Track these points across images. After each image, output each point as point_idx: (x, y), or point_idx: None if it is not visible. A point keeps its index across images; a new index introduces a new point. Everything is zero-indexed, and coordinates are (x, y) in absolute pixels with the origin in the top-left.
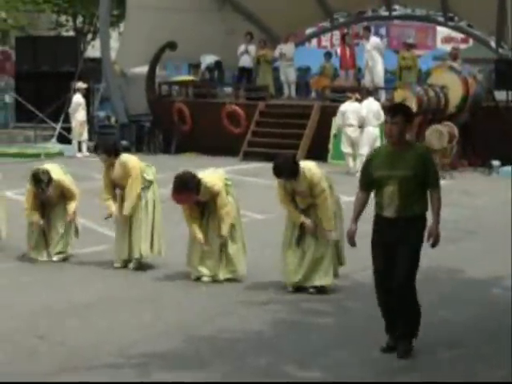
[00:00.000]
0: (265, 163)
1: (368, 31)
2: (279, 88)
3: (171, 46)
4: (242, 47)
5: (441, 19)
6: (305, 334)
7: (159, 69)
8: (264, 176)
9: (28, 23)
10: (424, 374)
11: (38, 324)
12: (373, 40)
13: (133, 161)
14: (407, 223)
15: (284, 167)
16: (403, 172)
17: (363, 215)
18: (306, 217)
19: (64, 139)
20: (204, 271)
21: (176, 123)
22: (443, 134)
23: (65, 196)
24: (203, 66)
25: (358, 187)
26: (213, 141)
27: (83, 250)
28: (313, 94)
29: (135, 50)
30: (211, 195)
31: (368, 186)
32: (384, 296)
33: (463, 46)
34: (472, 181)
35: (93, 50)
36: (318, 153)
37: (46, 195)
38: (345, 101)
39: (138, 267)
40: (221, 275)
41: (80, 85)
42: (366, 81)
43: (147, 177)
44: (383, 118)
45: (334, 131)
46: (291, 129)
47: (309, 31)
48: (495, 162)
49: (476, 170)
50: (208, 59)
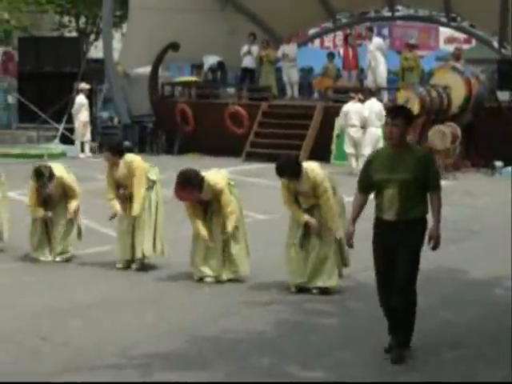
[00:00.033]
0: (267, 164)
1: (371, 32)
2: (282, 89)
3: (174, 47)
4: (245, 48)
5: (443, 20)
6: (308, 335)
7: (162, 69)
8: (267, 176)
9: (31, 24)
10: (426, 375)
11: (41, 324)
12: (375, 40)
13: (138, 161)
14: (407, 226)
15: (286, 167)
16: (403, 175)
17: (365, 215)
18: (310, 216)
19: (67, 140)
20: (207, 271)
21: (179, 124)
22: (446, 135)
23: (67, 195)
24: (206, 67)
25: (357, 189)
26: (215, 141)
27: (86, 251)
28: (315, 95)
29: (138, 51)
30: (214, 194)
31: (367, 189)
32: (386, 297)
33: (466, 47)
34: (475, 181)
35: (96, 51)
36: (321, 153)
37: (48, 191)
38: (348, 101)
39: (141, 268)
40: (224, 276)
41: (83, 85)
42: (369, 81)
43: (151, 177)
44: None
45: (337, 131)
46: (294, 129)
47: (311, 32)
48: (498, 163)
49: (479, 171)
50: (211, 60)
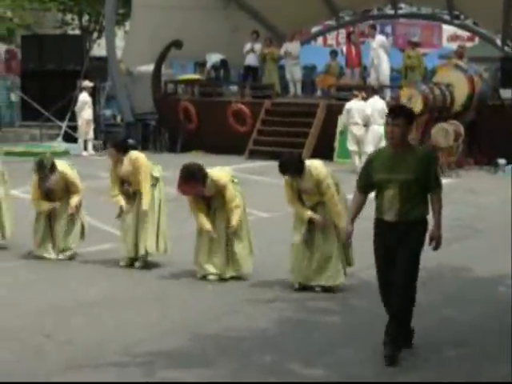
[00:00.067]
0: (270, 162)
1: (374, 29)
2: (285, 86)
3: (177, 45)
4: (248, 46)
5: (447, 17)
6: (310, 333)
7: (165, 67)
8: (270, 174)
9: (34, 22)
10: (429, 373)
11: (44, 322)
12: (378, 38)
13: (142, 158)
14: (408, 227)
15: (289, 164)
16: (404, 175)
17: (369, 213)
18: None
19: (70, 138)
20: (211, 269)
21: (182, 122)
22: (449, 133)
23: (69, 190)
24: (209, 65)
25: (356, 189)
26: (219, 139)
27: (89, 249)
28: (318, 93)
29: (141, 49)
30: (217, 189)
31: (366, 188)
32: (387, 296)
33: (469, 45)
34: (478, 179)
35: (99, 49)
36: (324, 151)
37: (49, 185)
38: (351, 99)
39: (144, 266)
40: (227, 273)
41: (86, 83)
42: (372, 79)
43: (154, 174)
44: None
45: (340, 128)
46: (297, 127)
47: (314, 30)
48: (501, 161)
49: (482, 169)
50: (214, 58)
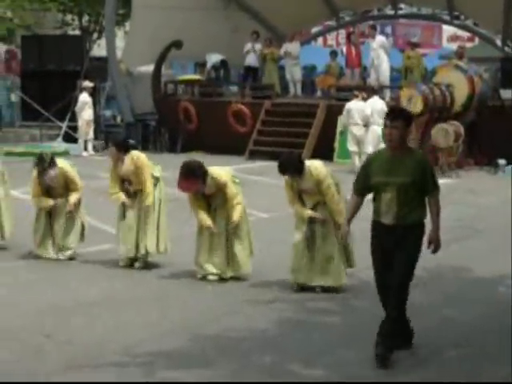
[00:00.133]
0: (270, 162)
1: (374, 30)
2: (285, 87)
3: (177, 45)
4: (248, 46)
5: (447, 18)
6: (310, 333)
7: (165, 68)
8: (270, 175)
9: (34, 22)
10: (429, 373)
11: (44, 322)
12: (379, 38)
13: (144, 157)
14: (405, 231)
15: (289, 164)
16: (402, 179)
17: (368, 214)
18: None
19: (70, 138)
20: (211, 269)
21: (182, 122)
22: (449, 133)
23: (68, 188)
24: (209, 65)
25: (352, 191)
26: (219, 140)
27: (88, 249)
28: (318, 93)
29: (141, 49)
30: (218, 188)
31: (363, 191)
32: (384, 298)
33: (469, 45)
34: (478, 179)
35: (99, 49)
36: (324, 152)
37: (48, 180)
38: (351, 99)
39: (144, 266)
40: (227, 273)
41: (86, 83)
42: (372, 79)
43: (154, 173)
44: None
45: (340, 129)
46: (297, 127)
47: (314, 30)
48: (501, 161)
49: (482, 169)
50: (214, 58)
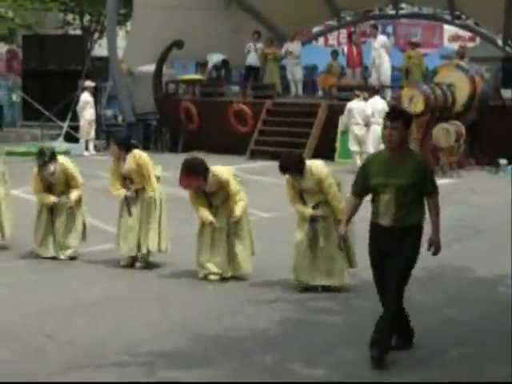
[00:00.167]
0: (272, 162)
1: (375, 29)
2: (286, 86)
3: (178, 45)
4: (250, 46)
5: (448, 17)
6: (311, 333)
7: (166, 67)
8: (271, 175)
9: (35, 22)
10: (431, 373)
11: (45, 323)
12: (380, 38)
13: (146, 156)
14: (403, 232)
15: (289, 163)
16: (401, 180)
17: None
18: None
19: (71, 138)
20: (212, 268)
21: (183, 122)
22: (450, 133)
23: (69, 185)
24: (210, 65)
25: (351, 192)
26: (220, 139)
27: (90, 249)
28: (320, 93)
29: (142, 49)
30: (219, 186)
31: (361, 192)
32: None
33: (470, 45)
34: (479, 179)
35: (100, 49)
36: (325, 151)
37: (48, 175)
38: (352, 99)
39: (145, 266)
40: (229, 272)
41: (88, 83)
42: (373, 79)
43: (155, 173)
44: None
45: (342, 128)
46: (298, 127)
47: (316, 30)
48: (502, 161)
49: (483, 169)
50: (215, 58)
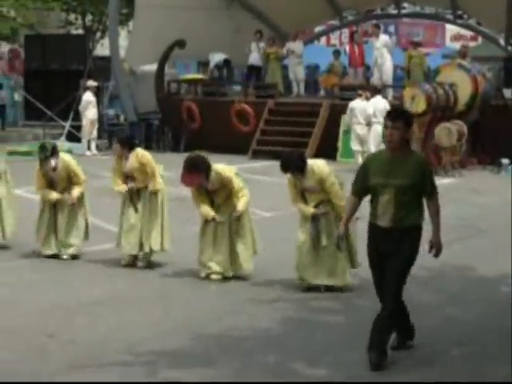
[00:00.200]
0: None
1: (378, 28)
2: (288, 86)
3: (180, 45)
4: (252, 45)
5: (450, 17)
6: (313, 332)
7: (168, 67)
8: (273, 174)
9: (37, 21)
10: (432, 372)
11: (47, 322)
12: (382, 37)
13: (148, 154)
14: (402, 233)
15: (290, 162)
16: (401, 181)
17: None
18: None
19: (73, 137)
20: (214, 267)
21: (185, 121)
22: (452, 132)
23: (72, 182)
24: (212, 64)
25: (350, 192)
26: (222, 139)
27: (92, 248)
28: (322, 92)
29: (144, 49)
30: (221, 184)
31: (361, 192)
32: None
33: (472, 44)
34: (481, 179)
35: (102, 49)
36: (327, 151)
37: (50, 171)
38: (355, 98)
39: (147, 265)
40: (230, 271)
41: (91, 83)
42: (375, 78)
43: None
44: None
45: (344, 128)
46: (300, 127)
47: (318, 29)
48: (504, 161)
49: (485, 168)
50: (217, 57)
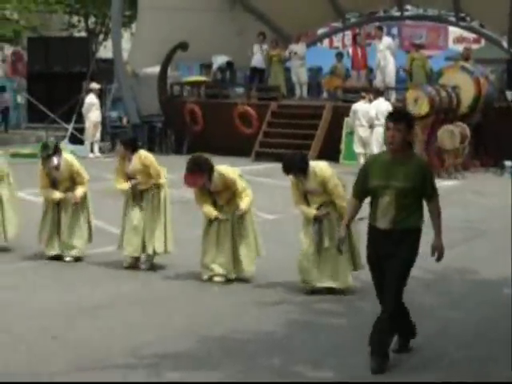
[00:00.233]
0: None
1: (381, 31)
2: (291, 88)
3: (183, 47)
4: (255, 47)
5: (453, 19)
6: (316, 335)
7: (171, 69)
8: (276, 176)
9: (40, 24)
10: (435, 375)
11: (51, 324)
12: (385, 40)
13: (151, 156)
14: (402, 235)
15: (292, 164)
16: (402, 183)
17: None
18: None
19: (76, 140)
20: (217, 269)
21: (188, 124)
22: (455, 135)
23: (75, 182)
24: (215, 67)
25: (351, 194)
26: (225, 141)
27: (95, 250)
28: (324, 95)
29: (147, 51)
30: (225, 185)
31: (361, 194)
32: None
33: (475, 47)
34: (484, 181)
35: (105, 51)
36: (330, 153)
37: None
38: (358, 100)
39: (150, 267)
40: (233, 273)
41: (94, 85)
42: (378, 81)
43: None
44: None
45: (348, 130)
46: (303, 129)
47: (320, 31)
48: (507, 163)
49: (488, 171)
50: (220, 59)
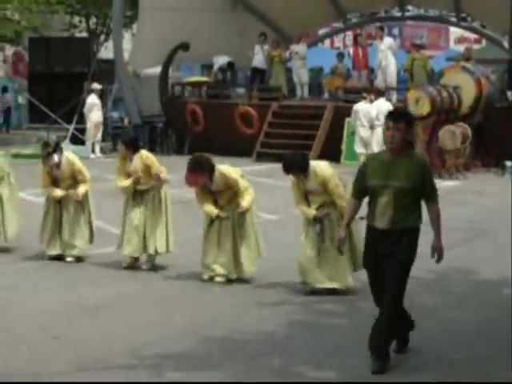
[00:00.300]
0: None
1: (382, 31)
2: (292, 89)
3: (184, 47)
4: (256, 48)
5: (454, 20)
6: (317, 335)
7: (172, 70)
8: (277, 177)
9: (41, 24)
10: (436, 375)
11: (52, 324)
12: (386, 40)
13: (153, 156)
14: (400, 235)
15: (292, 163)
16: (401, 183)
17: None
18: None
19: (77, 140)
20: (218, 269)
21: (189, 124)
22: (456, 135)
23: (76, 181)
24: (216, 67)
25: (351, 194)
26: (226, 142)
27: (96, 251)
28: (325, 95)
29: (148, 51)
30: (226, 185)
31: (360, 194)
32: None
33: (476, 47)
34: (485, 181)
35: (106, 51)
36: (331, 153)
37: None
38: (359, 100)
39: (151, 268)
40: (234, 274)
41: (95, 86)
42: (379, 81)
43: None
44: None
45: (350, 129)
46: (304, 130)
47: (321, 32)
48: (508, 163)
49: (489, 171)
50: (221, 60)
